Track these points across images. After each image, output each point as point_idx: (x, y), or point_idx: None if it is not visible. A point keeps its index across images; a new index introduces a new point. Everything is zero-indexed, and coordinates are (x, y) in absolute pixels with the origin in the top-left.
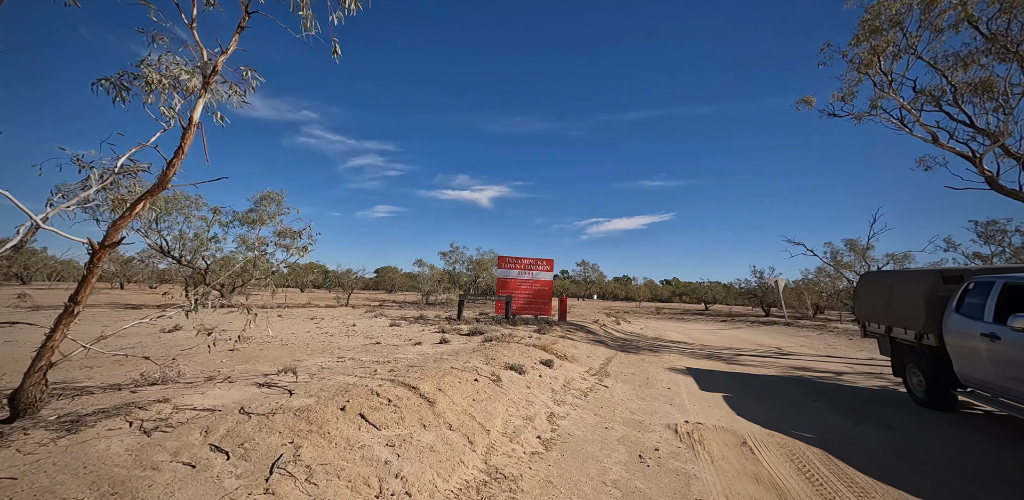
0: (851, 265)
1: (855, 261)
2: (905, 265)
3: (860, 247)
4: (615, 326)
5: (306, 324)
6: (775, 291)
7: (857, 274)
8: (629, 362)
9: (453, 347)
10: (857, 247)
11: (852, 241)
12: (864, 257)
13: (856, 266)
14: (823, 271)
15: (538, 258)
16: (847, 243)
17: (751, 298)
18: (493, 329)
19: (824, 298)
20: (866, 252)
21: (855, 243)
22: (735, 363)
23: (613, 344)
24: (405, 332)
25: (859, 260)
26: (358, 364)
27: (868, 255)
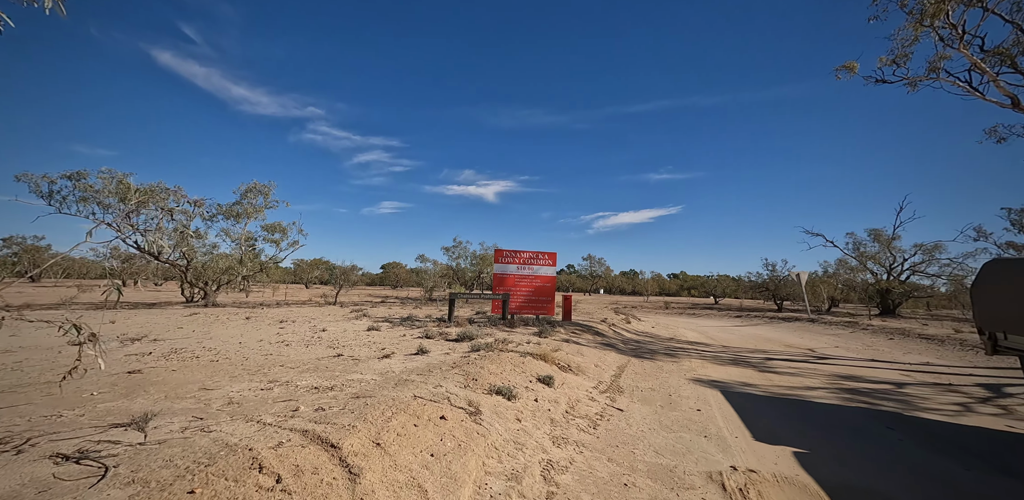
0: (876, 256)
1: (880, 252)
2: (935, 256)
3: (885, 237)
4: (625, 325)
5: (269, 329)
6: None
7: (882, 266)
8: (645, 372)
9: (430, 360)
10: (882, 237)
11: (876, 231)
12: (889, 247)
13: (881, 257)
14: (844, 263)
15: (539, 251)
16: (871, 233)
17: (763, 292)
18: (486, 333)
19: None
20: (891, 242)
21: (879, 233)
22: (767, 370)
23: (625, 348)
24: (381, 338)
25: (884, 251)
26: (286, 394)
27: (894, 245)
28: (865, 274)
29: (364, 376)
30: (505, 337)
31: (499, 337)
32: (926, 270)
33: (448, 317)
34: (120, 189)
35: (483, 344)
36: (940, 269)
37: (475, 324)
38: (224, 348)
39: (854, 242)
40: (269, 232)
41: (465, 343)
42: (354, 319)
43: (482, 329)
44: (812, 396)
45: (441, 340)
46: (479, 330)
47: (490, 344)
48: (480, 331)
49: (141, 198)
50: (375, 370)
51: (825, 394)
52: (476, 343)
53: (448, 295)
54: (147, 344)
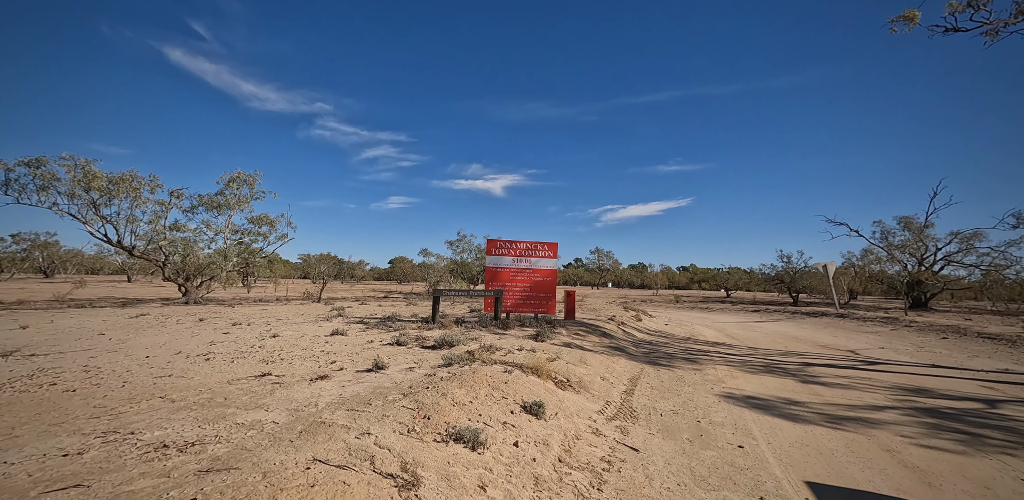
0: (906, 246)
1: (911, 241)
2: (973, 245)
3: (917, 225)
4: (636, 323)
5: (210, 335)
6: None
7: (913, 256)
8: (663, 385)
9: (380, 382)
10: (913, 225)
11: (907, 218)
12: (921, 236)
13: (912, 246)
14: (870, 254)
15: (538, 242)
16: (900, 221)
17: (777, 284)
18: (472, 337)
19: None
20: (923, 231)
21: (910, 221)
22: (811, 380)
23: (636, 352)
24: (339, 347)
25: (915, 240)
26: (95, 463)
27: (926, 234)
28: (894, 265)
29: (266, 416)
30: (493, 343)
31: (486, 343)
32: (963, 260)
33: (432, 317)
34: (86, 177)
35: (461, 354)
36: (978, 259)
37: (463, 325)
38: (114, 368)
39: (882, 231)
40: (256, 225)
41: (443, 351)
42: (324, 320)
43: (469, 332)
44: (882, 420)
45: (414, 347)
46: (464, 334)
47: (472, 353)
48: (465, 335)
49: (110, 187)
50: (292, 402)
51: (898, 417)
52: (453, 352)
53: (432, 293)
54: (14, 361)
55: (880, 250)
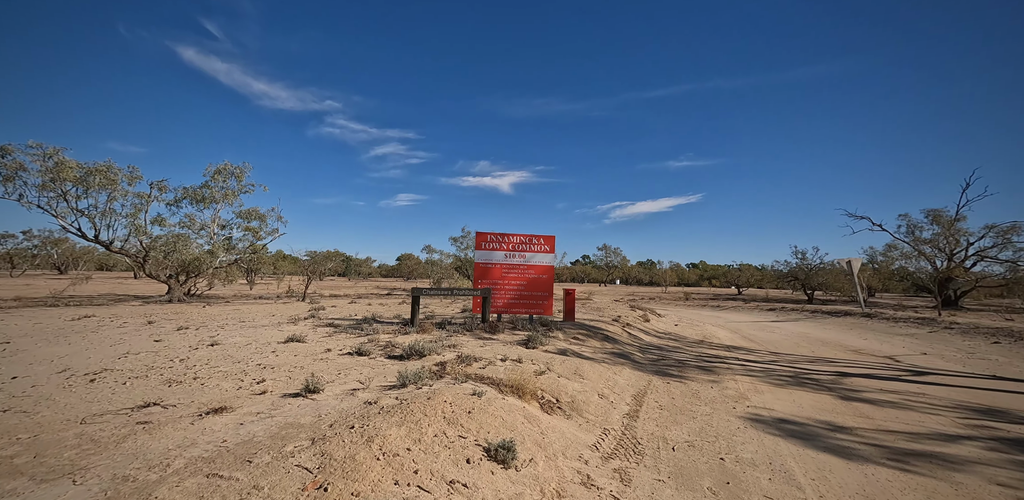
0: (935, 240)
1: (940, 236)
2: (1011, 239)
3: (946, 218)
4: (643, 324)
5: (139, 342)
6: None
7: (942, 251)
8: (674, 405)
9: (300, 415)
10: (942, 218)
11: (936, 211)
12: (951, 230)
13: (941, 241)
14: (894, 249)
15: (532, 235)
16: (928, 214)
17: (791, 281)
18: (451, 344)
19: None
20: (954, 224)
21: (939, 214)
22: (852, 396)
23: (643, 359)
24: (285, 358)
25: (945, 234)
26: None
27: (957, 227)
28: (921, 260)
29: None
30: (473, 351)
31: (466, 351)
32: (997, 255)
33: (410, 320)
34: (56, 167)
35: (428, 369)
36: (1015, 254)
37: (447, 329)
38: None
39: (908, 225)
40: (244, 219)
41: (410, 363)
42: (291, 323)
43: (451, 337)
44: (963, 458)
45: (378, 358)
46: (444, 339)
47: (443, 366)
48: (444, 341)
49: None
50: (135, 461)
51: (982, 453)
52: (420, 366)
53: (411, 293)
54: None
55: (906, 245)
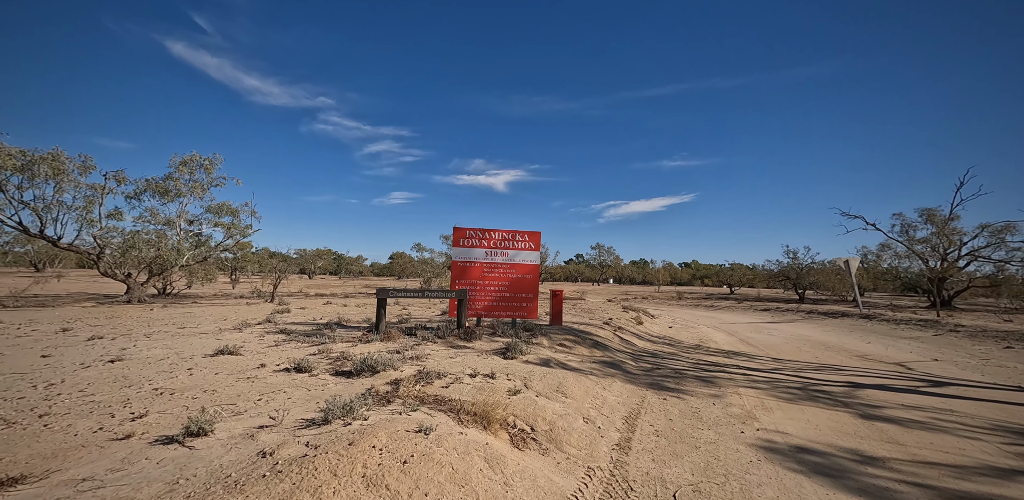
0: (929, 239)
1: (934, 235)
2: (1004, 238)
3: (940, 217)
4: (636, 327)
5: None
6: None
7: (936, 250)
8: (673, 430)
9: (140, 487)
10: (936, 218)
11: (929, 211)
12: (945, 229)
13: (935, 240)
14: (887, 248)
15: (516, 231)
16: (922, 213)
17: (783, 281)
18: (415, 354)
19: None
20: (948, 223)
21: (933, 213)
22: (872, 414)
23: (636, 369)
24: (200, 379)
25: (939, 233)
26: None
27: (951, 227)
28: (915, 260)
29: None
30: (439, 365)
31: (431, 364)
32: (991, 255)
33: (375, 326)
34: None
35: (373, 392)
36: (1008, 253)
37: (417, 336)
38: None
39: (902, 224)
40: (215, 214)
41: (358, 381)
42: (235, 330)
43: (420, 345)
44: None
45: (321, 375)
46: (409, 349)
47: (397, 384)
48: (409, 352)
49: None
50: None
51: None
52: (361, 389)
53: (376, 295)
54: None
55: (899, 245)
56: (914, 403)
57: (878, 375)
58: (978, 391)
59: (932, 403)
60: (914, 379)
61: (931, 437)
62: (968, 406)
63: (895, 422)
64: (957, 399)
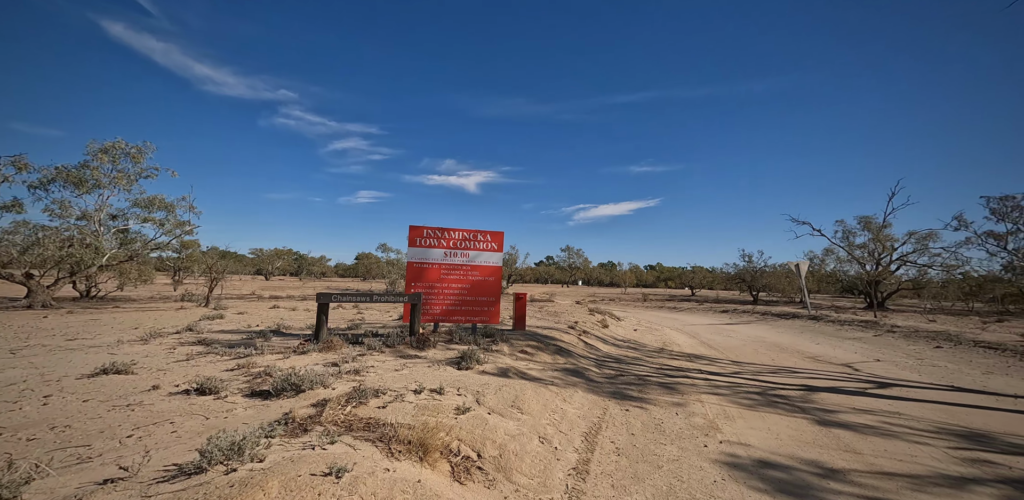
0: (866, 245)
1: (870, 241)
2: (927, 245)
3: (875, 225)
4: (601, 331)
5: None
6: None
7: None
8: (635, 447)
9: None
10: (872, 225)
11: (866, 218)
12: (879, 236)
13: (871, 246)
14: (831, 253)
15: (477, 230)
16: (861, 221)
17: (739, 283)
18: (356, 367)
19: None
20: (882, 230)
21: (869, 220)
22: (830, 420)
23: (599, 377)
24: (47, 409)
25: (874, 240)
26: None
27: (885, 234)
28: (855, 264)
29: None
30: (382, 380)
31: (371, 380)
32: (917, 260)
33: (315, 335)
34: None
35: (289, 418)
36: (931, 259)
37: (364, 344)
38: None
39: (843, 230)
40: (145, 209)
41: (274, 405)
42: (141, 342)
43: (363, 357)
44: None
45: (229, 398)
46: (350, 361)
47: (322, 406)
48: (348, 364)
49: None
50: None
51: None
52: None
53: (316, 299)
54: None
55: (841, 249)
56: (865, 406)
57: (829, 377)
58: (918, 392)
59: (880, 406)
60: (861, 381)
61: (884, 444)
62: (912, 408)
63: (850, 428)
64: (902, 401)
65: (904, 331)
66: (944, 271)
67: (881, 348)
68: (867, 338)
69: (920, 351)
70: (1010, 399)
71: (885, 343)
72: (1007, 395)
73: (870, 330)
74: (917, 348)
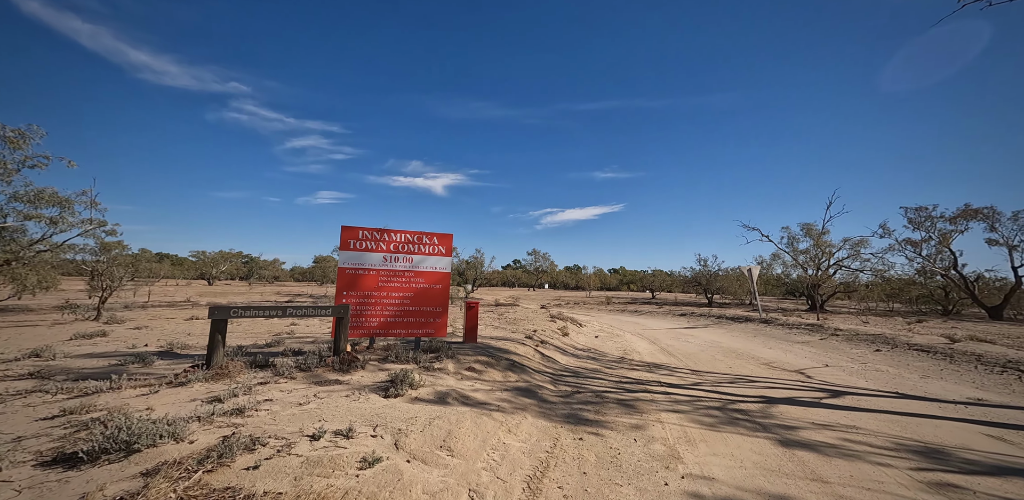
0: (808, 250)
1: (812, 246)
2: (860, 251)
3: (816, 232)
4: (561, 340)
5: None
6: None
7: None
8: (587, 489)
9: None
10: (813, 232)
11: (808, 225)
12: (819, 243)
13: (812, 251)
14: (777, 257)
15: (423, 232)
16: (803, 227)
17: (695, 286)
18: (242, 404)
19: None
20: (821, 236)
21: (811, 227)
22: (792, 440)
23: (554, 396)
24: None
25: (816, 245)
26: None
27: (823, 240)
28: (796, 269)
29: None
30: (273, 421)
31: (255, 423)
32: (851, 265)
33: (207, 358)
34: None
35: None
36: (862, 264)
37: (272, 368)
38: None
39: (788, 236)
40: (30, 203)
41: (82, 476)
42: None
43: (262, 387)
44: None
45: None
46: (233, 399)
47: (148, 478)
48: (232, 402)
49: None
50: None
51: None
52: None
53: (211, 313)
54: None
55: (787, 255)
56: (823, 420)
57: (785, 386)
58: (869, 400)
59: (838, 419)
60: (815, 389)
61: (849, 468)
62: (868, 420)
63: (813, 449)
64: (856, 412)
65: (846, 334)
66: (873, 275)
67: (828, 352)
68: (814, 342)
69: (863, 355)
70: (951, 406)
71: (831, 347)
72: (947, 401)
73: (816, 334)
74: (859, 352)
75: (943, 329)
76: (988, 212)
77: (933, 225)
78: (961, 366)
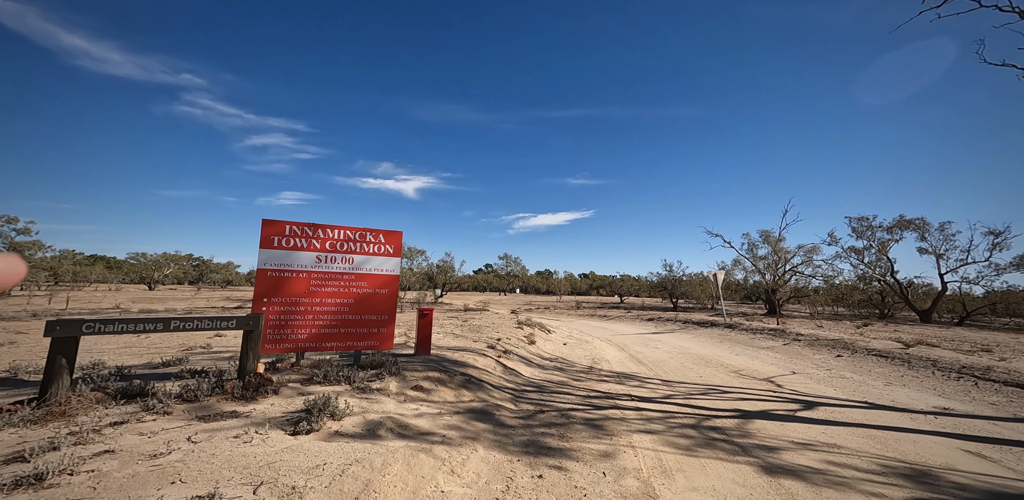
0: (766, 257)
1: (770, 253)
2: (813, 258)
3: (773, 238)
4: (527, 349)
5: None
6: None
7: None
8: None
9: None
10: (771, 238)
11: (767, 232)
12: (776, 249)
13: (770, 257)
14: (738, 263)
15: (366, 228)
16: (762, 234)
17: (661, 291)
18: (49, 463)
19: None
20: (778, 243)
21: (769, 234)
22: (774, 464)
23: (513, 418)
24: None
25: (774, 252)
26: None
27: (780, 246)
28: (755, 274)
29: None
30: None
31: (68, 495)
32: (804, 271)
33: (44, 386)
34: None
35: None
36: (814, 270)
37: (146, 399)
38: None
39: (748, 243)
40: None
41: None
42: None
43: (117, 429)
44: None
45: None
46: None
47: None
48: (37, 461)
49: None
50: None
51: None
52: None
53: (49, 328)
54: None
55: (747, 261)
56: (802, 438)
57: (757, 397)
58: (842, 412)
59: (816, 436)
60: (788, 400)
61: (837, 496)
62: (846, 437)
63: (799, 476)
64: (833, 426)
65: (807, 339)
66: (824, 280)
67: (793, 358)
68: (778, 347)
69: (826, 361)
70: (921, 416)
71: (795, 352)
72: (916, 411)
73: (779, 339)
74: (822, 357)
75: (889, 333)
76: (919, 223)
77: (873, 234)
78: (920, 372)
